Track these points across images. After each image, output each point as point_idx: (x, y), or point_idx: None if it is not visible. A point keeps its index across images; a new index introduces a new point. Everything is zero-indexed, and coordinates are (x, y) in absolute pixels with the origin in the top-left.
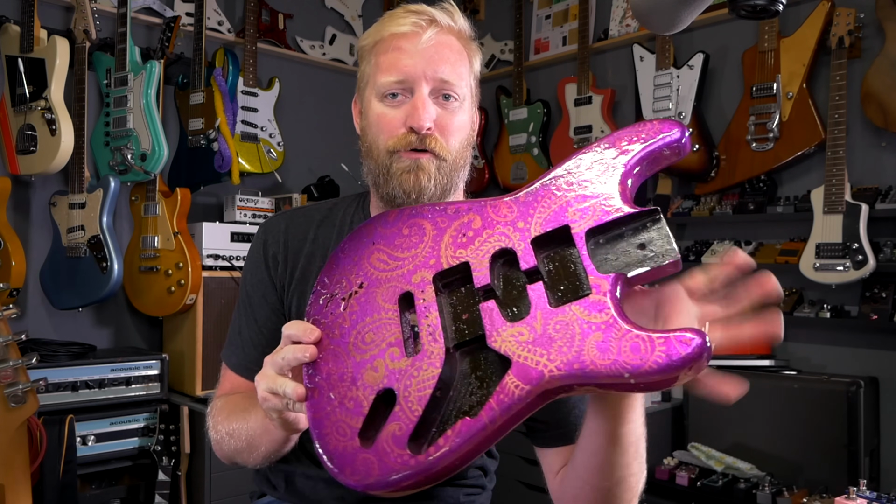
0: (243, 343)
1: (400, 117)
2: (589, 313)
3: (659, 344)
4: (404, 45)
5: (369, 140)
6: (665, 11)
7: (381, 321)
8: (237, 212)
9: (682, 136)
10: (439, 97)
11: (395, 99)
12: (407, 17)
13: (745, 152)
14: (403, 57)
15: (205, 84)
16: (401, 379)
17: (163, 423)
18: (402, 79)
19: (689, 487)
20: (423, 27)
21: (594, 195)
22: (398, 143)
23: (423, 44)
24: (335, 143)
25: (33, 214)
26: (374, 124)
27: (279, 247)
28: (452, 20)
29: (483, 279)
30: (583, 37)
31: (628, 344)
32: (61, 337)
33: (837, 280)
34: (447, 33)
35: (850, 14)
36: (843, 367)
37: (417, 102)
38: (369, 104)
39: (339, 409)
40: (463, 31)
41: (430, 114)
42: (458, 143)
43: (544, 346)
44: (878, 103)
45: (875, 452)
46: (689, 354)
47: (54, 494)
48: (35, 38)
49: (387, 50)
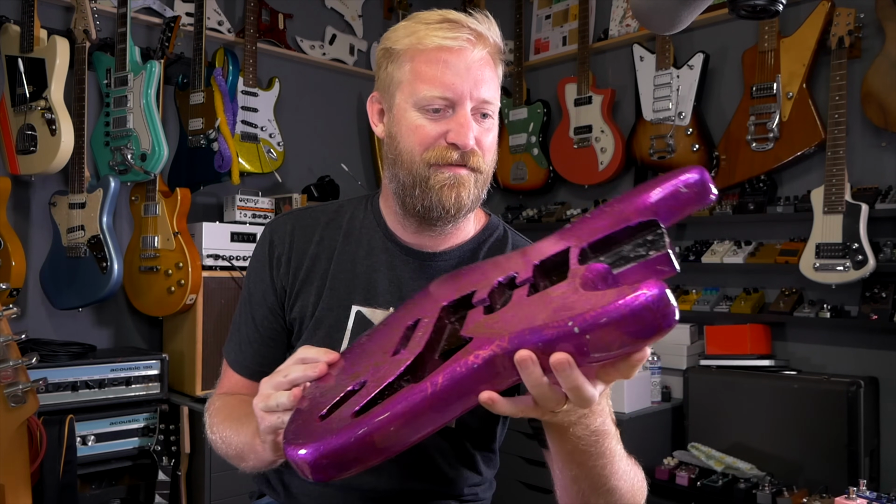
0: (241, 340)
1: (440, 131)
2: (562, 290)
3: (611, 294)
4: (452, 60)
5: (401, 148)
6: (665, 11)
7: (386, 338)
8: (237, 212)
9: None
10: (478, 115)
11: (437, 113)
12: (455, 32)
13: (745, 152)
14: (450, 73)
15: (205, 84)
16: (375, 372)
17: (163, 423)
18: (448, 95)
19: (689, 487)
20: (472, 43)
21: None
22: (438, 156)
23: (471, 62)
24: (335, 143)
25: (33, 214)
26: (410, 134)
27: (284, 248)
28: (496, 38)
29: (481, 295)
30: (583, 37)
31: (581, 297)
32: (61, 337)
33: (837, 280)
34: (489, 50)
35: (850, 14)
36: (843, 367)
37: (462, 120)
38: (404, 112)
39: (314, 403)
40: (500, 48)
41: (473, 132)
42: (491, 157)
43: (507, 323)
44: (878, 103)
45: (875, 452)
46: (643, 302)
47: (54, 494)
48: (35, 38)
49: (432, 61)
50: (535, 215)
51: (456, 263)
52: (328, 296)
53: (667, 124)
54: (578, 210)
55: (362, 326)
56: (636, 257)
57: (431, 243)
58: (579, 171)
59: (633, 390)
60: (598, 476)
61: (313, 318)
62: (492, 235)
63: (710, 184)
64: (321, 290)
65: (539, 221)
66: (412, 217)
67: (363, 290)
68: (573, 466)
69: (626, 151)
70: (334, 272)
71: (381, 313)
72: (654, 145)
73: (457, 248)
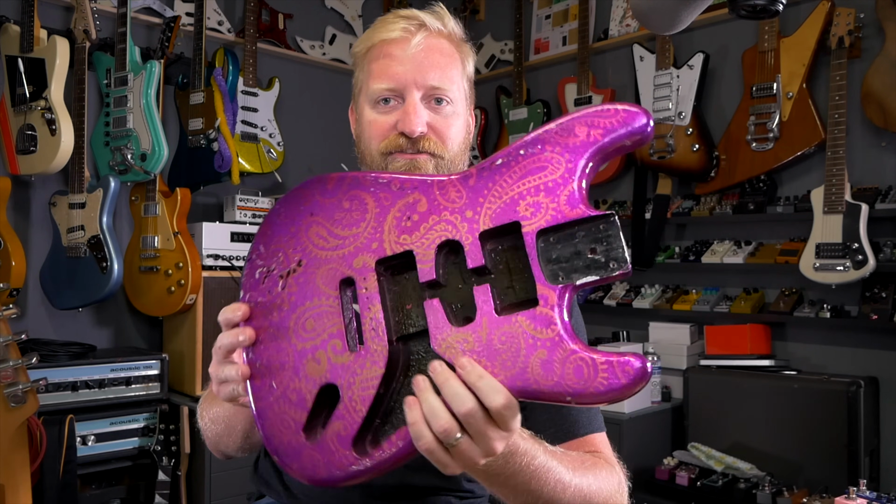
0: None
1: (391, 122)
2: (535, 327)
3: (602, 370)
4: (394, 51)
5: (363, 146)
6: (665, 11)
7: (322, 308)
8: (237, 212)
9: (647, 125)
10: (431, 101)
11: (388, 105)
12: (397, 23)
13: (745, 152)
14: (394, 63)
15: (205, 84)
16: (343, 375)
17: (163, 423)
18: (392, 86)
19: (689, 487)
20: (412, 32)
21: (549, 188)
22: (389, 145)
23: (412, 49)
24: (335, 143)
25: (33, 214)
26: (367, 129)
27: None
28: (442, 23)
29: (428, 273)
30: (583, 37)
31: (572, 366)
32: (61, 337)
33: (837, 280)
34: (437, 37)
35: (850, 14)
36: (843, 367)
37: (409, 108)
38: (363, 111)
39: (282, 401)
40: (454, 34)
41: (421, 118)
42: (456, 144)
43: (490, 359)
44: (878, 103)
45: (875, 452)
46: (630, 382)
47: (54, 494)
48: (35, 38)
49: (378, 57)
50: None
51: None
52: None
53: (667, 124)
54: None
55: None
56: (594, 265)
57: None
58: None
59: None
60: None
61: None
62: None
63: (652, 129)
64: None
65: None
66: None
67: None
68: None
69: None
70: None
71: None
72: (654, 145)
73: None
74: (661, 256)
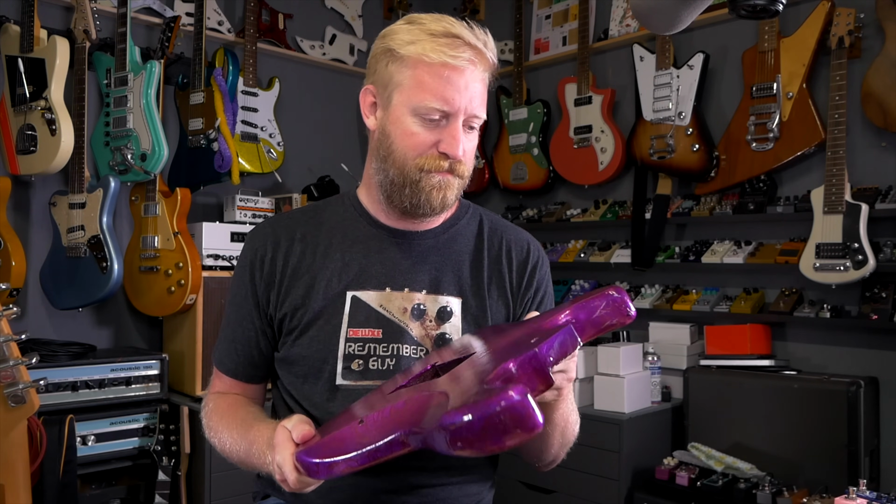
0: (225, 341)
1: (433, 140)
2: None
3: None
4: (454, 77)
5: (394, 148)
6: (665, 11)
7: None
8: (237, 212)
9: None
10: (466, 127)
11: (432, 122)
12: (463, 53)
13: (745, 152)
14: (451, 90)
15: (205, 84)
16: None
17: (163, 423)
18: (445, 109)
19: (689, 487)
20: (474, 64)
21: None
22: (430, 163)
23: (469, 81)
24: (335, 143)
25: (33, 214)
26: (405, 138)
27: (267, 248)
28: (493, 55)
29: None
30: (583, 37)
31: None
32: (61, 337)
33: (837, 280)
34: (487, 70)
35: (850, 14)
36: (843, 367)
37: (455, 133)
38: (400, 115)
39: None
40: (494, 65)
41: (463, 144)
42: (472, 163)
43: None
44: (878, 103)
45: (875, 452)
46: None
47: (54, 494)
48: (35, 38)
49: (438, 75)
50: (535, 215)
51: (439, 240)
52: (320, 287)
53: (667, 124)
54: (578, 210)
55: (358, 308)
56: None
57: (414, 226)
58: (579, 171)
59: (633, 390)
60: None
61: (307, 311)
62: (466, 212)
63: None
64: (311, 283)
65: (539, 221)
66: (396, 209)
67: (356, 275)
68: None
69: (626, 151)
70: (321, 264)
71: (375, 294)
72: (654, 145)
73: (440, 227)
74: (661, 256)
